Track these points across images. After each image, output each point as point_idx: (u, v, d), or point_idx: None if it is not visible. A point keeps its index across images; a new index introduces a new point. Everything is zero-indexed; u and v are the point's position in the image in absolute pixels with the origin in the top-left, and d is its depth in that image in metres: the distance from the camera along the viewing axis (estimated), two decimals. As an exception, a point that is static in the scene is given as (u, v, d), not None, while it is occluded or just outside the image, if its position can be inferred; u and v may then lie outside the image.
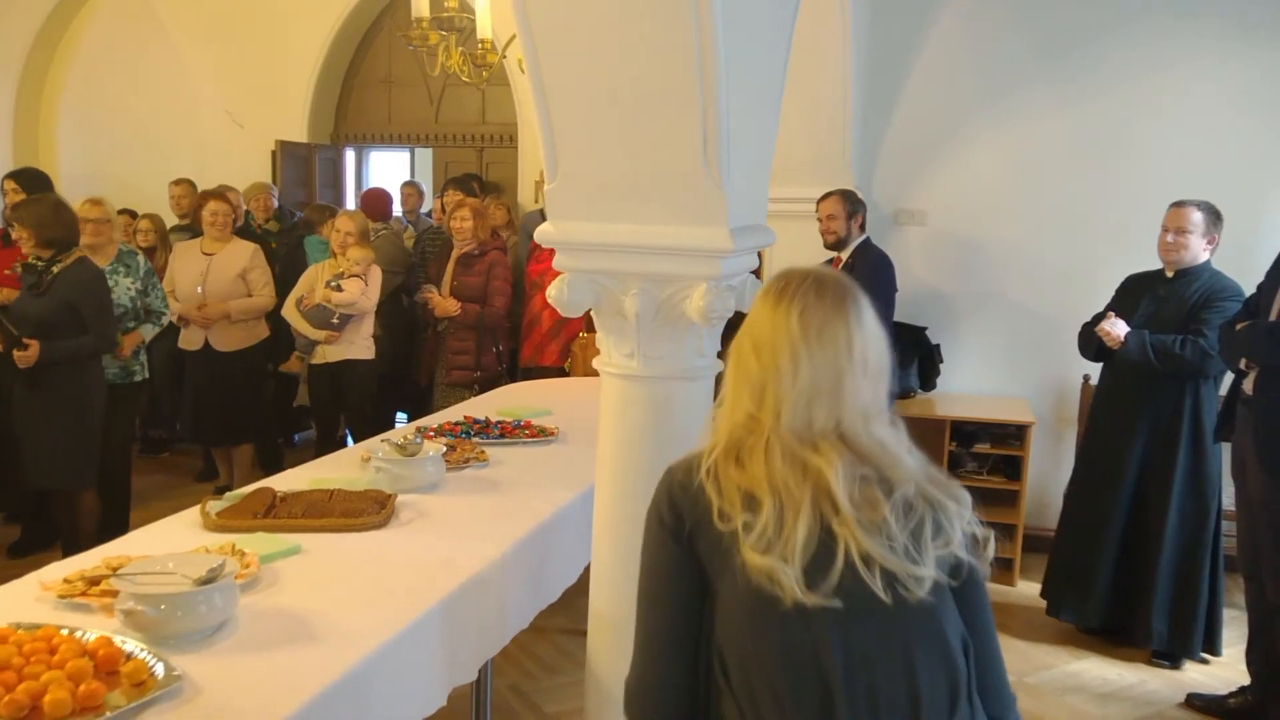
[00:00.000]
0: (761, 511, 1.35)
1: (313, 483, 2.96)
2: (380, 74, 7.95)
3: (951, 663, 1.38)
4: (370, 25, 7.85)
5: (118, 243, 4.96)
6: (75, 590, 2.10)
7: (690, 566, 1.46)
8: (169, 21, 7.80)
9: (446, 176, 7.43)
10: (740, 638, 1.39)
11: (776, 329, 1.43)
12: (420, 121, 7.96)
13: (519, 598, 2.66)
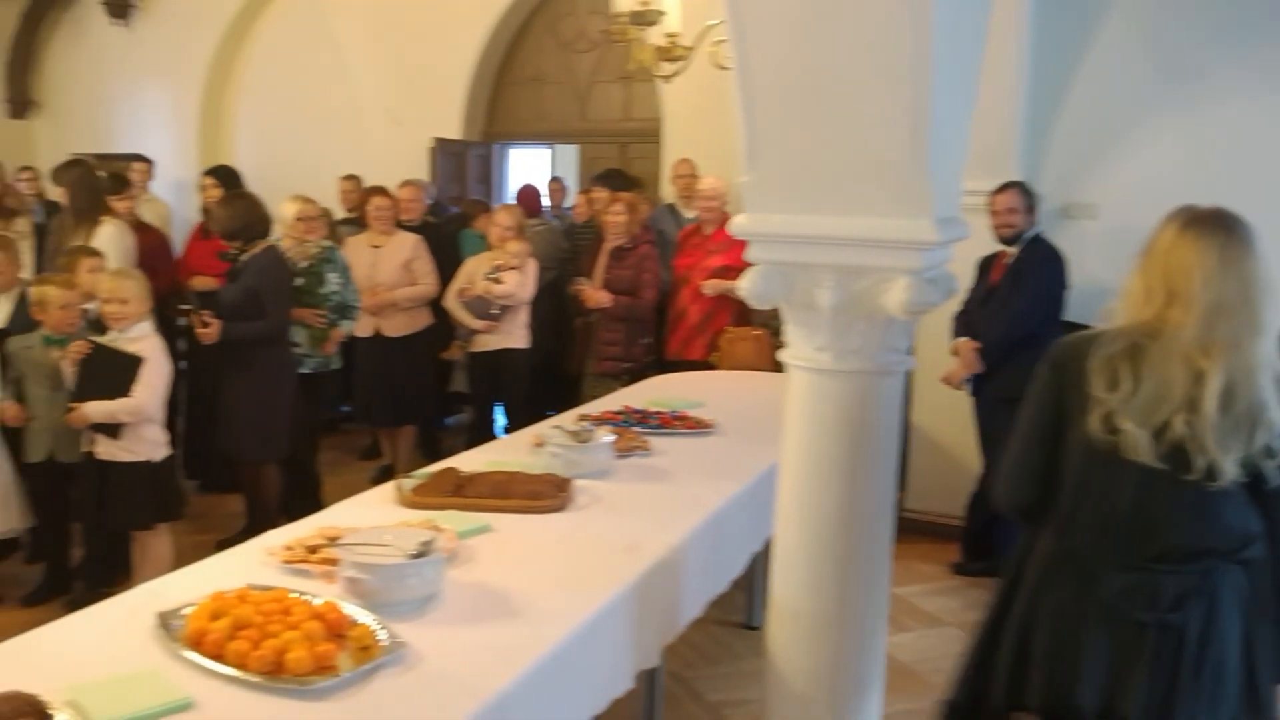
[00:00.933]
0: (1140, 388, 1.82)
1: (490, 465, 3.04)
2: (530, 72, 8.09)
3: (1226, 538, 1.87)
4: (521, 25, 7.99)
5: (322, 241, 5.13)
6: (297, 556, 2.21)
7: (1055, 407, 1.99)
8: (336, 26, 8.12)
9: (591, 172, 7.52)
10: (1079, 470, 1.92)
11: (1192, 251, 1.85)
12: (566, 118, 8.07)
13: (694, 585, 2.67)
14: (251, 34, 8.68)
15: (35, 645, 1.88)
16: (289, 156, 8.30)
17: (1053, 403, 1.99)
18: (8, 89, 9.43)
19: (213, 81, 8.68)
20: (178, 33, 8.66)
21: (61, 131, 9.51)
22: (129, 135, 9.06)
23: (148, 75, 8.90)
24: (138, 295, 3.78)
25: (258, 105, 8.74)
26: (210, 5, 8.49)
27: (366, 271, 5.56)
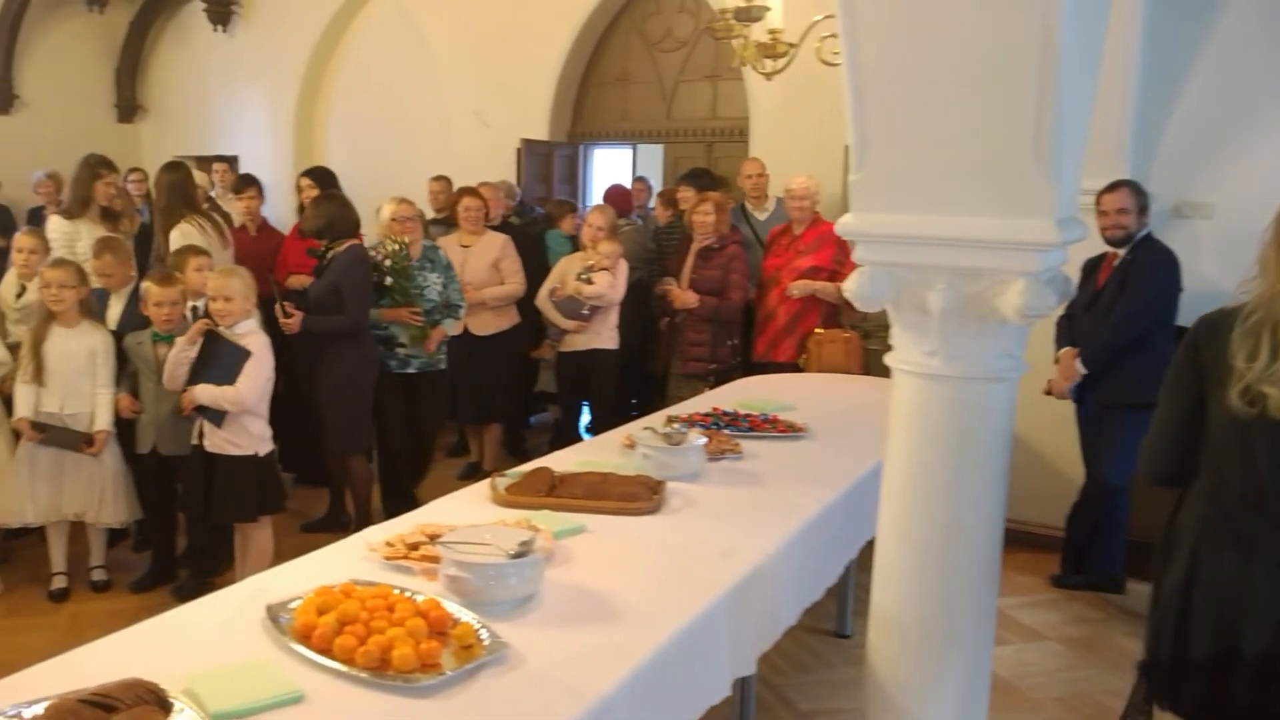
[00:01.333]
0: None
1: (582, 465, 3.03)
2: (615, 72, 8.10)
3: None
4: (608, 25, 8.01)
5: (421, 241, 5.12)
6: (398, 553, 2.22)
7: (1194, 386, 2.05)
8: (426, 30, 8.24)
9: (676, 172, 7.48)
10: (1224, 440, 2.00)
11: None
12: (652, 118, 8.05)
13: (790, 593, 2.62)
14: (344, 39, 8.87)
15: (151, 634, 1.93)
16: (379, 158, 8.46)
17: (1191, 383, 2.05)
18: (117, 94, 9.80)
19: (307, 85, 8.89)
20: (274, 39, 8.90)
21: (165, 134, 9.85)
22: (227, 138, 9.35)
23: (246, 80, 9.17)
24: (243, 293, 3.86)
25: (349, 108, 8.92)
26: (305, 12, 8.71)
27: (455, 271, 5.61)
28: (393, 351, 4.93)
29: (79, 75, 9.47)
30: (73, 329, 4.18)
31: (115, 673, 1.65)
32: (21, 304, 4.64)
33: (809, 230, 5.38)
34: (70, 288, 4.14)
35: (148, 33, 9.64)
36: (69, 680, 1.65)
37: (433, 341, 4.98)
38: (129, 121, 9.90)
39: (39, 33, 9.04)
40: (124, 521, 4.42)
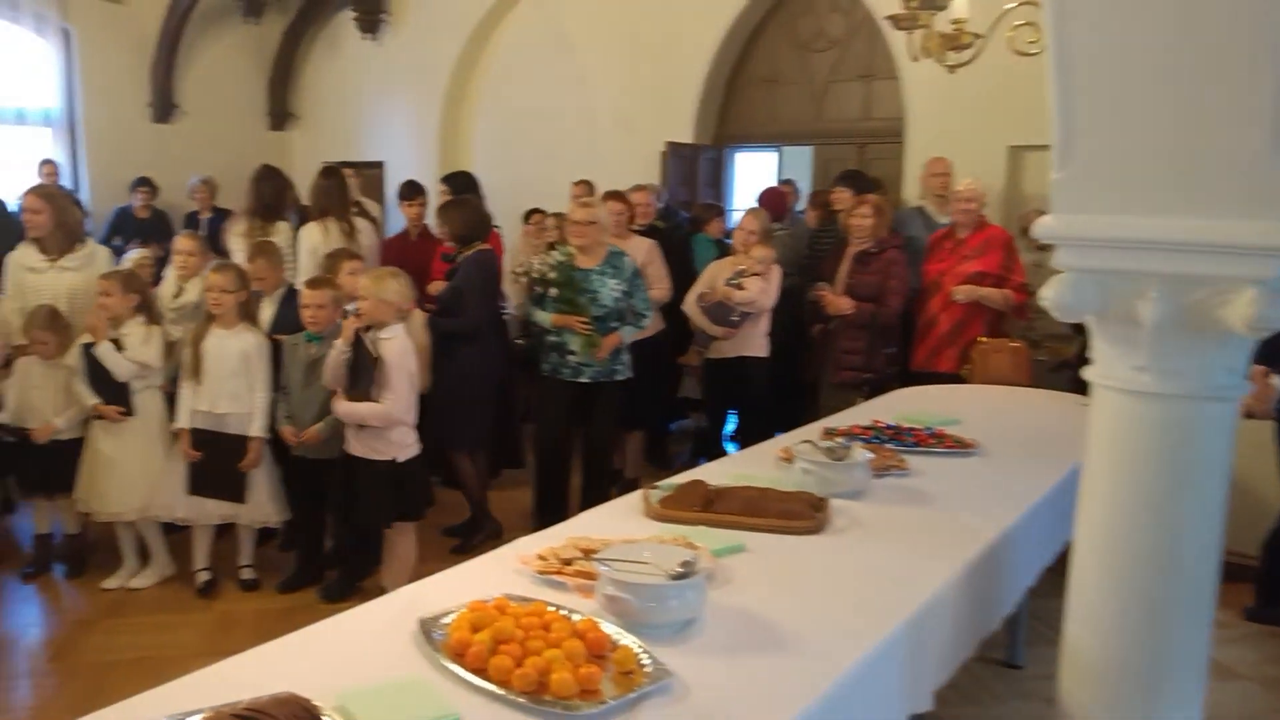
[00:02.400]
0: None
1: (737, 478, 2.93)
2: (764, 73, 7.99)
3: None
4: (757, 26, 7.90)
5: (607, 245, 4.91)
6: (551, 567, 2.18)
7: None
8: (572, 34, 8.33)
9: (827, 175, 7.31)
10: None
11: None
12: (800, 119, 7.91)
13: (967, 623, 2.46)
14: (490, 45, 9.05)
15: (303, 645, 1.93)
16: (522, 163, 8.58)
17: None
18: (269, 102, 10.27)
19: (452, 91, 9.12)
20: (422, 46, 9.16)
21: (315, 141, 10.27)
22: (375, 144, 9.67)
23: (393, 87, 9.47)
24: (395, 296, 3.93)
25: (494, 113, 9.10)
26: (453, 18, 8.92)
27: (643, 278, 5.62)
28: (564, 359, 4.86)
29: (234, 85, 9.97)
30: (230, 330, 4.35)
31: (267, 683, 1.65)
32: (178, 304, 4.86)
33: (974, 234, 5.15)
34: (231, 292, 4.31)
35: (300, 42, 10.08)
36: (222, 690, 1.65)
37: (603, 349, 4.79)
38: (280, 129, 10.37)
39: (198, 45, 9.56)
40: (273, 522, 4.58)
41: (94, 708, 3.49)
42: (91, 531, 4.93)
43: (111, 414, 4.41)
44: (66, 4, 8.59)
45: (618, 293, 4.83)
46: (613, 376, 4.92)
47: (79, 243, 4.85)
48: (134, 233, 8.04)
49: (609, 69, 8.24)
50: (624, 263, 4.89)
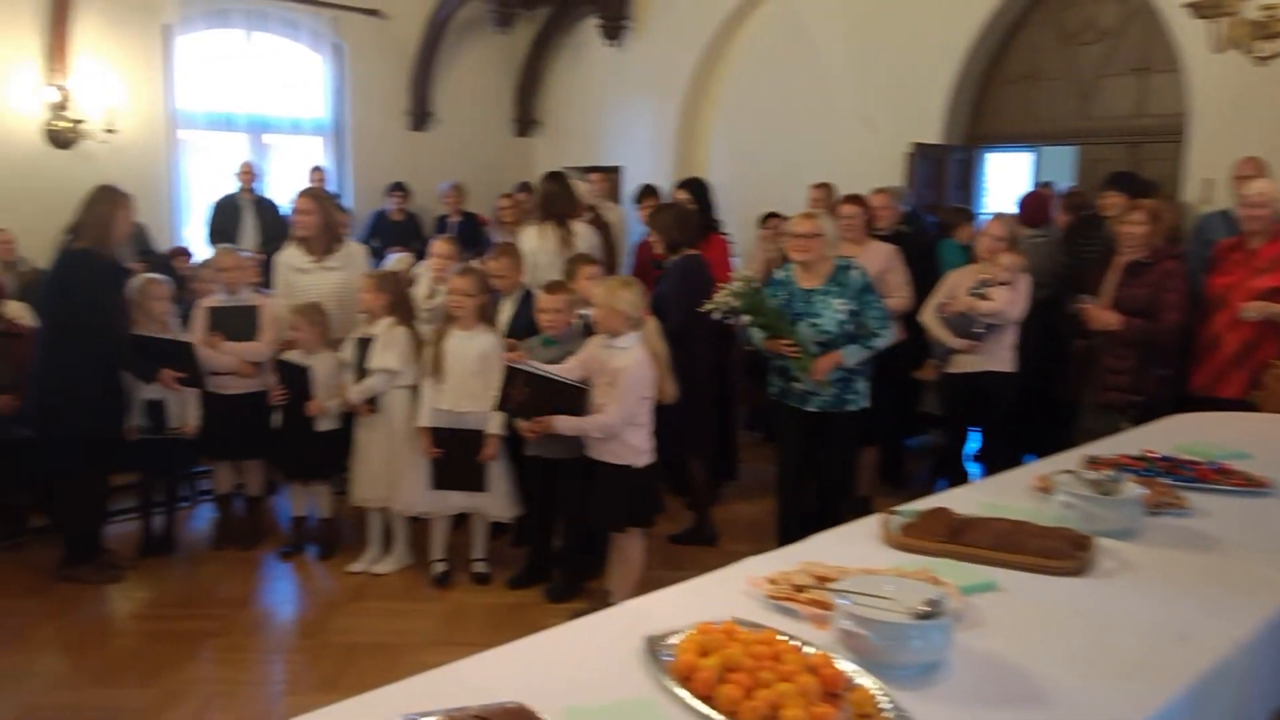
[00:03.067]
0: None
1: (986, 508, 2.72)
2: (1023, 69, 7.53)
3: None
4: (1017, 19, 7.46)
5: (834, 259, 4.45)
6: (783, 593, 2.08)
7: None
8: (815, 33, 8.17)
9: (1092, 176, 6.80)
10: None
11: None
12: (1062, 117, 7.39)
13: (1262, 694, 2.16)
14: (730, 49, 9.04)
15: (531, 651, 1.94)
16: (760, 167, 8.52)
17: None
18: (516, 110, 10.73)
19: (691, 95, 9.17)
20: (663, 51, 9.27)
21: (556, 147, 10.63)
22: (614, 150, 9.89)
23: (633, 93, 9.64)
24: (627, 306, 3.95)
25: (732, 116, 9.07)
26: (695, 22, 8.97)
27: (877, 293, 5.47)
28: (789, 384, 4.51)
29: (484, 93, 10.47)
30: (468, 332, 4.53)
31: (496, 687, 1.67)
32: (432, 305, 5.13)
33: (1269, 244, 4.61)
34: (471, 295, 4.50)
35: (546, 51, 10.46)
36: (453, 689, 1.68)
37: (818, 372, 4.36)
38: (525, 136, 10.80)
39: (453, 56, 10.10)
40: (508, 516, 4.73)
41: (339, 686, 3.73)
42: (343, 517, 5.30)
43: (363, 410, 4.71)
44: (339, 21, 9.30)
45: (843, 314, 4.36)
46: (843, 407, 4.46)
47: (339, 243, 5.22)
48: (389, 235, 8.59)
49: (852, 68, 8.02)
50: (851, 277, 4.41)
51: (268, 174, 8.88)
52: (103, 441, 4.65)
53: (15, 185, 7.45)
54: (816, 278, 4.41)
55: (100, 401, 4.58)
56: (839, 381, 4.42)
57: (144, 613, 4.42)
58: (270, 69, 9.10)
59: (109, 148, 7.86)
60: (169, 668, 3.89)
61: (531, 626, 4.25)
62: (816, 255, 4.38)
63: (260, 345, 5.05)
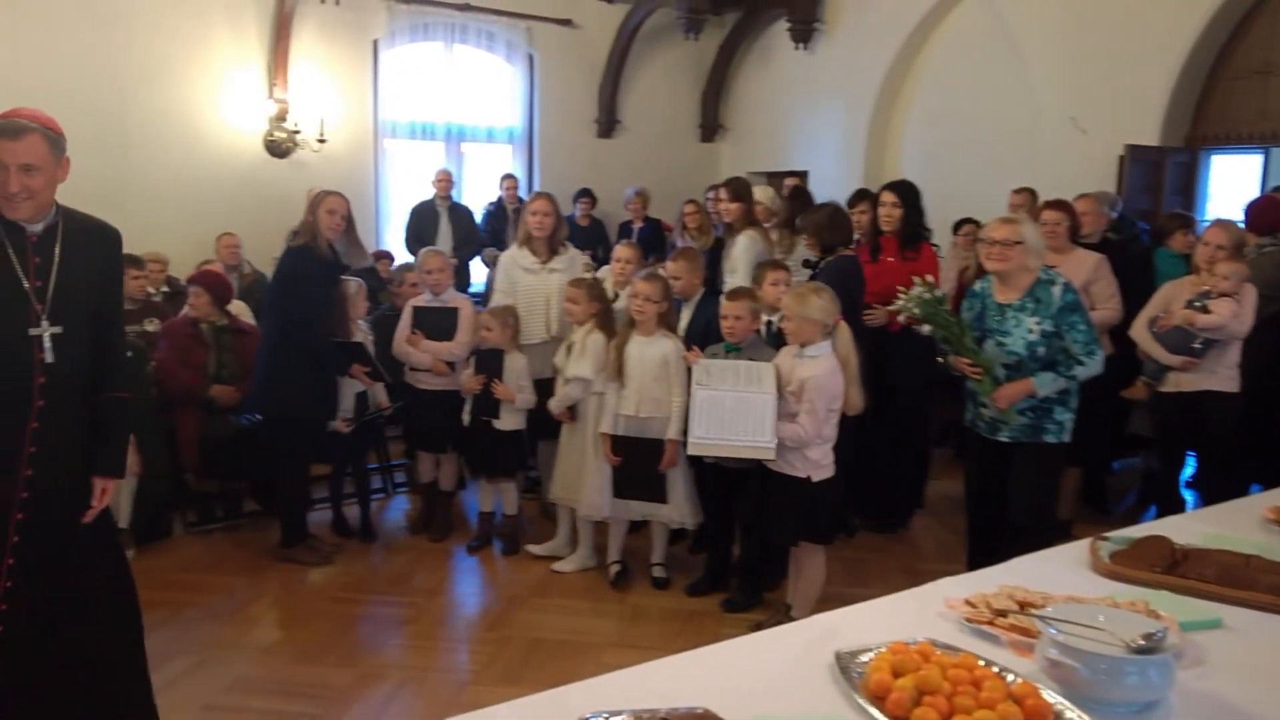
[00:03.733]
0: None
1: (1209, 539, 2.53)
2: (1254, 64, 6.98)
3: None
4: (1251, 8, 6.92)
5: (1036, 270, 3.93)
6: (982, 616, 2.00)
7: None
8: (1018, 33, 7.83)
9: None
10: None
11: None
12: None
13: None
14: (925, 50, 8.80)
15: (717, 659, 1.93)
16: (955, 171, 8.25)
17: None
18: (701, 115, 10.79)
19: (883, 98, 8.97)
20: (854, 54, 9.12)
21: (741, 152, 10.64)
22: (800, 154, 9.80)
23: (822, 96, 9.53)
24: (819, 313, 3.90)
25: (925, 120, 8.83)
26: (888, 23, 8.78)
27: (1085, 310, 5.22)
28: (979, 410, 4.10)
29: (671, 100, 10.60)
30: (649, 337, 4.59)
31: (682, 692, 1.68)
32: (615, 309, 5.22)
33: None
34: (654, 301, 4.55)
35: (733, 56, 10.48)
36: (639, 691, 1.71)
37: (1002, 399, 3.89)
38: (710, 141, 10.86)
39: (641, 63, 10.28)
40: (688, 524, 4.75)
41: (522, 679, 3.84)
42: (527, 514, 5.48)
43: (565, 418, 4.85)
44: (532, 32, 9.63)
45: (1035, 335, 3.86)
46: (1038, 438, 3.95)
47: (564, 247, 5.44)
48: (575, 240, 8.80)
49: (1059, 67, 7.63)
50: (1051, 294, 3.87)
51: (462, 181, 9.28)
52: (316, 430, 5.01)
53: (239, 193, 8.09)
54: (1013, 291, 3.95)
55: (315, 392, 4.92)
56: (1032, 410, 3.92)
57: (344, 596, 4.68)
58: (467, 80, 9.51)
59: (320, 156, 8.41)
60: (365, 650, 4.13)
61: (708, 635, 4.30)
62: (1015, 265, 3.90)
63: (454, 346, 5.30)
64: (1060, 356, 3.88)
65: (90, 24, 7.42)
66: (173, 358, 5.44)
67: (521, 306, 5.31)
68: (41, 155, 2.64)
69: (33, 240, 2.70)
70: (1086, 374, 3.89)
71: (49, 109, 2.57)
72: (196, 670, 3.89)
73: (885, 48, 8.81)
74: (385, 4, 8.71)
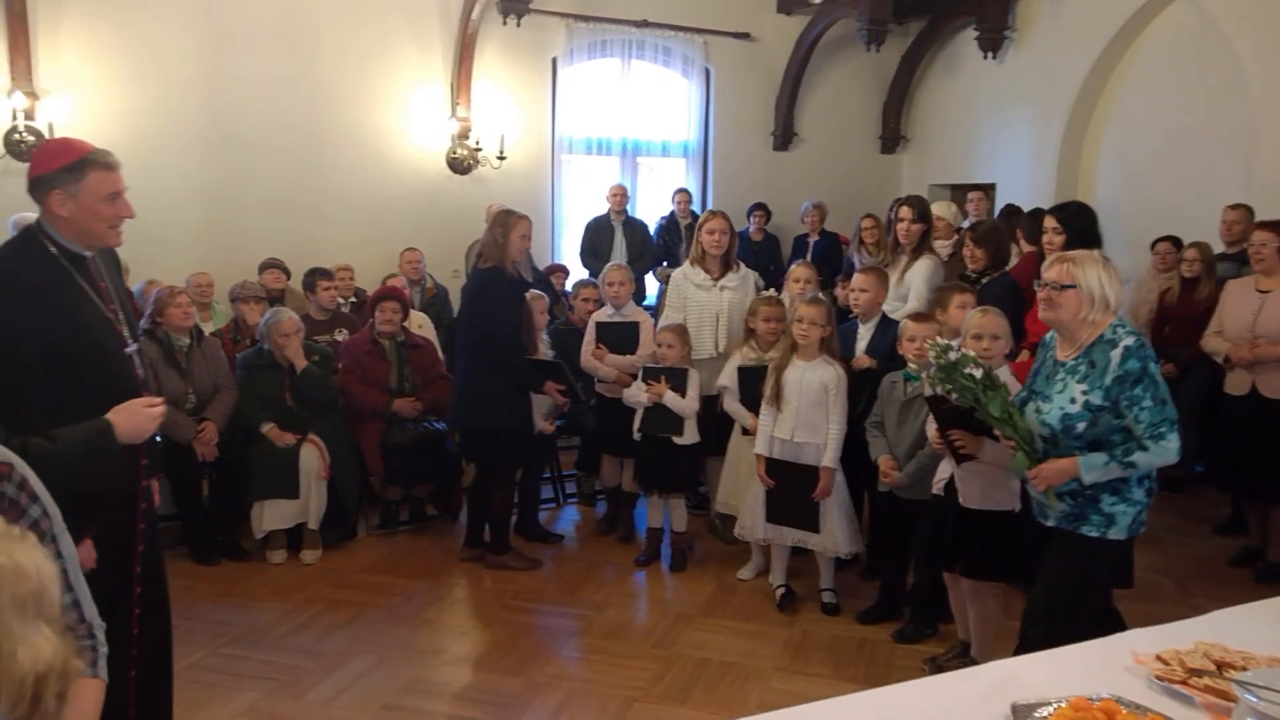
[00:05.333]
0: None
1: None
2: None
3: None
4: None
5: (1101, 326, 3.16)
6: (1174, 675, 1.94)
7: None
8: (1231, 34, 7.34)
9: None
10: None
11: None
12: None
13: None
14: (1125, 57, 8.36)
15: (890, 701, 1.95)
16: (1157, 185, 7.85)
17: None
18: (882, 126, 10.63)
19: (1078, 109, 8.58)
20: (1046, 63, 8.77)
21: (923, 164, 10.42)
22: (985, 166, 9.52)
23: (1011, 107, 9.21)
24: (1007, 332, 3.82)
25: (1125, 129, 8.38)
26: (1087, 30, 8.40)
27: (1247, 320, 4.94)
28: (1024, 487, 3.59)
29: (850, 112, 10.48)
30: (809, 362, 4.59)
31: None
32: (787, 330, 5.25)
33: None
34: (819, 325, 4.55)
35: (917, 65, 10.28)
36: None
37: (1040, 479, 3.20)
38: (890, 152, 10.68)
39: (819, 75, 10.21)
40: (843, 553, 4.71)
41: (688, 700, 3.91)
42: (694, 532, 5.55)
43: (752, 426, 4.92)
44: (709, 46, 9.73)
45: (1077, 406, 3.13)
46: (1077, 528, 3.22)
47: (735, 265, 5.53)
48: (749, 255, 8.84)
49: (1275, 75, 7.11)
50: (1109, 358, 3.10)
51: (636, 196, 9.47)
52: (519, 440, 5.27)
53: (421, 209, 8.53)
54: (1071, 347, 3.24)
55: (513, 405, 5.16)
56: (1072, 495, 3.21)
57: (515, 604, 4.87)
58: (643, 94, 9.70)
59: (499, 172, 8.77)
60: (535, 659, 4.28)
61: (879, 665, 4.27)
62: (1069, 316, 3.17)
63: (637, 359, 5.50)
64: (1119, 437, 3.13)
65: (284, 47, 7.97)
66: (355, 376, 5.77)
67: (691, 323, 5.42)
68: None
69: (91, 266, 2.82)
70: (1150, 464, 3.11)
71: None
72: (376, 670, 4.14)
73: (1082, 56, 8.42)
74: (565, 22, 9.00)
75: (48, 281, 2.67)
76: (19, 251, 2.73)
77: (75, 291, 2.72)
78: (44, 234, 2.72)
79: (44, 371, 2.61)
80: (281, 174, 7.91)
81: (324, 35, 8.13)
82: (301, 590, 4.97)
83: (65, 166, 2.65)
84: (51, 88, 7.21)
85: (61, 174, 2.65)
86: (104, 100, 7.36)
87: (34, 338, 2.60)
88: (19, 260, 2.69)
